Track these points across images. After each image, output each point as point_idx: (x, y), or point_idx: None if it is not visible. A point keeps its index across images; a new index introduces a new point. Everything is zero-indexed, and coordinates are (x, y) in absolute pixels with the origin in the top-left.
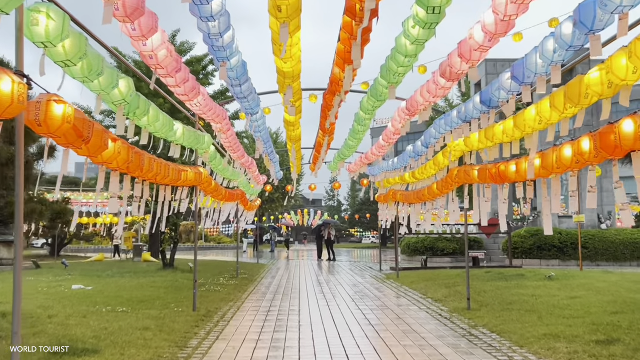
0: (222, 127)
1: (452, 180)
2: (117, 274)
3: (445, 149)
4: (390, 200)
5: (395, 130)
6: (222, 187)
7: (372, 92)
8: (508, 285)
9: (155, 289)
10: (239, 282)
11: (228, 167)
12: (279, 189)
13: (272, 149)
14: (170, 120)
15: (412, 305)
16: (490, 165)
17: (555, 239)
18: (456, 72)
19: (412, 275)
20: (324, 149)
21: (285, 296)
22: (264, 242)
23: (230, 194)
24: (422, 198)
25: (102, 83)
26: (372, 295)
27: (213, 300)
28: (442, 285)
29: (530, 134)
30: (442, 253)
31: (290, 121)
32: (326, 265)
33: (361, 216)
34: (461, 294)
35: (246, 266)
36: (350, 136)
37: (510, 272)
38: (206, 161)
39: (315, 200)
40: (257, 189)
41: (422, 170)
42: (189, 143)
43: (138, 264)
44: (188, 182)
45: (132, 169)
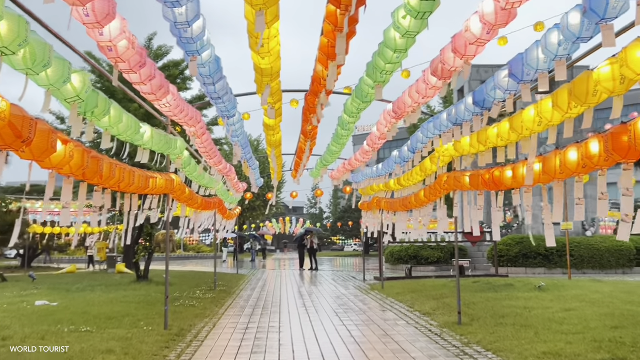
0: (196, 130)
1: (441, 187)
2: (87, 288)
3: (433, 154)
4: (374, 208)
5: (381, 135)
6: (197, 195)
7: (357, 93)
8: (498, 296)
9: (126, 304)
10: (217, 295)
11: (204, 174)
12: (260, 197)
13: (252, 155)
14: (136, 122)
15: (399, 319)
16: (483, 171)
17: (541, 247)
18: (449, 69)
19: (397, 286)
20: (306, 154)
21: (265, 310)
22: (244, 251)
23: (206, 202)
24: (408, 206)
25: (50, 76)
26: (357, 309)
27: (187, 316)
28: (429, 297)
29: (528, 136)
30: (426, 262)
31: (270, 125)
32: (308, 275)
33: (343, 224)
34: (450, 307)
35: (225, 277)
36: (333, 141)
37: (498, 281)
38: (179, 167)
39: (296, 208)
40: (237, 197)
41: (408, 177)
42: (159, 147)
43: (111, 276)
44: (158, 190)
45: (88, 176)
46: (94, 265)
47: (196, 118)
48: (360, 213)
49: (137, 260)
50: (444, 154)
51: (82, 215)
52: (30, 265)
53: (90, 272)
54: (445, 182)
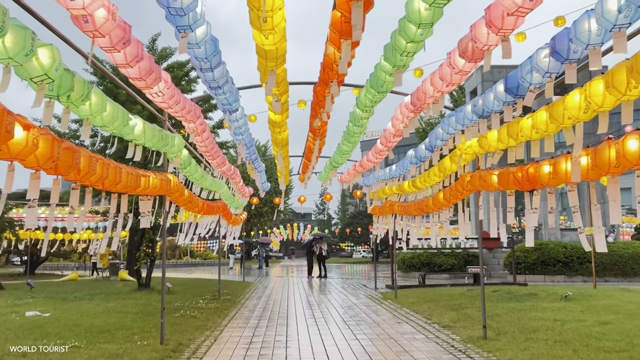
0: (195, 127)
1: (464, 188)
2: (86, 297)
3: (454, 152)
4: (386, 212)
5: (397, 132)
6: (198, 199)
7: (372, 82)
8: (522, 307)
9: (123, 315)
10: (221, 304)
11: (206, 175)
12: (268, 203)
13: (257, 157)
14: (124, 112)
15: (417, 333)
16: (514, 169)
17: (560, 254)
18: (481, 48)
19: (411, 295)
20: (315, 154)
21: (271, 322)
22: (252, 257)
23: (209, 206)
24: (424, 209)
25: (8, 48)
26: (370, 321)
27: (187, 329)
28: (447, 308)
29: (570, 126)
30: (439, 269)
31: (276, 121)
32: (317, 282)
33: (352, 230)
34: (471, 319)
35: (230, 285)
36: (344, 140)
37: (520, 290)
38: (177, 167)
39: (305, 214)
40: (243, 201)
41: (424, 179)
42: (154, 144)
43: (114, 284)
44: (152, 191)
45: (62, 170)
46: (98, 273)
47: (195, 113)
48: (370, 219)
49: (138, 268)
50: (466, 151)
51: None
52: (34, 273)
53: (93, 279)
54: (468, 183)
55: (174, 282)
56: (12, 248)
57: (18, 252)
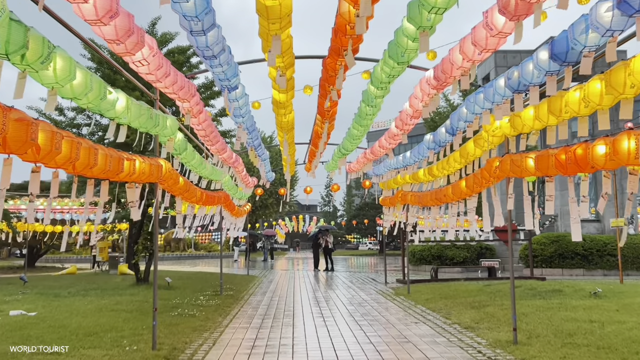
0: (190, 107)
1: (492, 174)
2: (80, 292)
3: (479, 134)
4: (398, 203)
5: (415, 112)
6: (196, 188)
7: (392, 51)
8: (549, 305)
9: (116, 314)
10: (222, 301)
11: (205, 163)
12: (273, 195)
13: (261, 143)
14: (101, 84)
15: (437, 336)
16: (555, 151)
17: (579, 246)
18: (529, 1)
19: (424, 290)
20: (323, 140)
21: (276, 322)
22: (257, 250)
23: (209, 196)
24: (442, 199)
25: None
26: (384, 320)
27: (184, 330)
28: (466, 305)
29: (632, 97)
30: (451, 262)
31: (281, 101)
32: (324, 276)
33: (359, 222)
34: (495, 318)
35: (234, 279)
36: (355, 123)
37: (543, 286)
38: (171, 151)
39: (310, 206)
40: (247, 192)
41: (443, 166)
42: (141, 124)
43: (112, 278)
44: (139, 177)
45: (13, 147)
46: (99, 266)
47: (189, 90)
48: (377, 211)
49: (136, 262)
50: (494, 133)
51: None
52: (34, 266)
53: (92, 273)
54: (497, 168)
55: (175, 276)
56: (9, 241)
57: (17, 245)
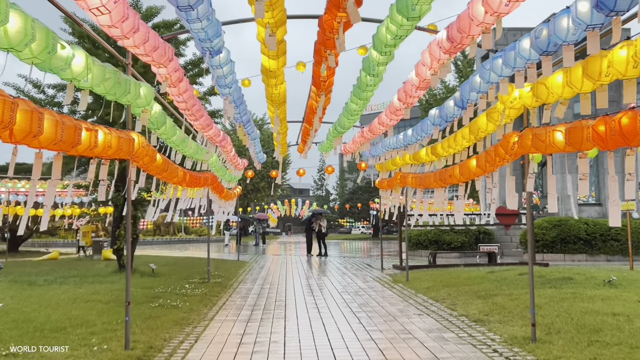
0: (168, 73)
1: (508, 151)
2: (58, 280)
3: (492, 108)
4: (397, 185)
5: (422, 82)
6: (178, 167)
7: (400, 5)
8: (562, 294)
9: (91, 305)
10: (209, 290)
11: (188, 140)
12: (265, 178)
13: (250, 119)
14: (50, 33)
15: (445, 330)
16: (590, 122)
17: (582, 231)
18: None
19: (423, 277)
20: (318, 114)
21: (266, 313)
22: (250, 234)
23: (193, 177)
24: (448, 180)
25: None
26: (384, 312)
27: (164, 324)
28: (471, 294)
29: None
30: (449, 247)
31: (271, 69)
32: (317, 262)
33: (352, 206)
34: (506, 310)
35: (223, 265)
36: (353, 96)
37: (551, 273)
38: (145, 124)
39: (302, 190)
40: (236, 174)
41: (449, 144)
42: (107, 90)
43: (95, 264)
44: (104, 152)
45: None
46: (83, 251)
47: (166, 53)
48: (370, 194)
49: (118, 247)
50: (512, 104)
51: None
52: (17, 250)
53: (75, 259)
54: (516, 144)
55: (162, 261)
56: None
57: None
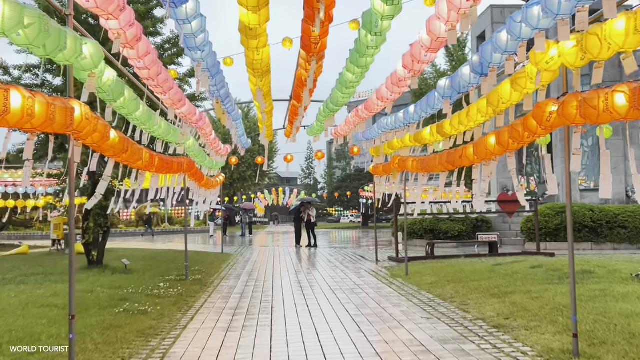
0: (121, 29)
1: (544, 123)
2: (18, 278)
3: (520, 72)
4: (394, 171)
5: (435, 41)
6: (142, 148)
7: None
8: (589, 292)
9: (45, 310)
10: (186, 289)
11: (156, 117)
12: (252, 166)
13: (229, 94)
14: None
15: (463, 340)
16: None
17: (587, 218)
18: None
19: (423, 271)
20: (309, 86)
21: (249, 319)
22: (237, 224)
23: (164, 162)
24: (457, 162)
25: None
26: (387, 316)
27: (125, 336)
28: (482, 292)
29: None
30: (445, 236)
31: (251, 25)
32: (307, 254)
33: (341, 194)
34: (531, 313)
35: (206, 259)
36: (350, 62)
37: (568, 266)
38: (92, 90)
39: (290, 179)
40: (219, 161)
41: (460, 120)
42: (29, 39)
43: (66, 259)
44: (24, 121)
45: None
46: (56, 245)
47: None
48: (360, 182)
49: (87, 242)
50: (549, 65)
51: None
52: None
53: (47, 253)
54: (553, 114)
55: (139, 255)
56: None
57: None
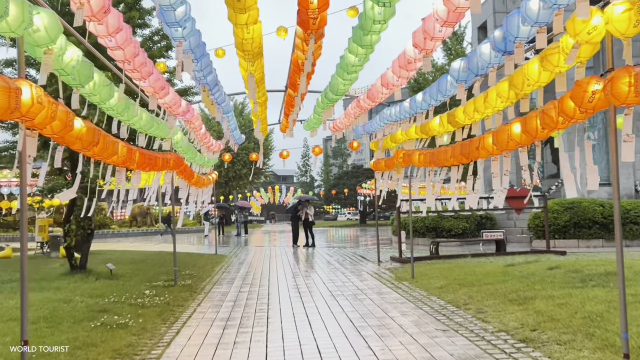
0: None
1: (584, 104)
2: None
3: (552, 47)
4: (398, 165)
5: (452, 12)
6: (117, 140)
7: None
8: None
9: (12, 325)
10: (174, 296)
11: (135, 107)
12: (247, 164)
13: (217, 82)
14: None
15: (485, 356)
16: None
17: (597, 213)
18: None
19: (431, 273)
20: (307, 69)
21: (242, 334)
22: (233, 223)
23: (146, 157)
24: (473, 154)
25: None
26: (396, 327)
27: (98, 357)
28: (499, 297)
29: None
30: (448, 234)
31: None
32: (305, 254)
33: (338, 192)
34: (561, 323)
35: (198, 261)
36: (353, 42)
37: (589, 267)
38: (49, 70)
39: (286, 176)
40: (211, 158)
41: (476, 107)
42: None
43: (49, 263)
44: None
45: None
46: (42, 248)
47: None
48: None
49: (69, 245)
50: (591, 37)
51: None
52: None
53: (32, 256)
54: (599, 92)
55: (127, 258)
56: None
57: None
